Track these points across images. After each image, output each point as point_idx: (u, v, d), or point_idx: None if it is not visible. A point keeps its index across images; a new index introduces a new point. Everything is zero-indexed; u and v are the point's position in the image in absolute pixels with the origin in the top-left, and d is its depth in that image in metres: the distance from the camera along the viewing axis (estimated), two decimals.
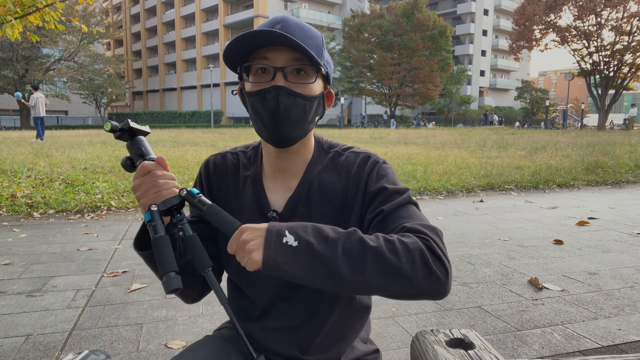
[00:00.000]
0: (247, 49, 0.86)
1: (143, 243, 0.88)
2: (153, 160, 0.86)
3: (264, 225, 0.75)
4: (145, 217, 0.80)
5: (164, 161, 0.85)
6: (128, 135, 0.88)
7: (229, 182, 1.00)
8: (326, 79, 0.92)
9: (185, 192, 0.83)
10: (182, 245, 0.85)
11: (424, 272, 0.72)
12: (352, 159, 0.95)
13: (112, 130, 0.85)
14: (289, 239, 0.72)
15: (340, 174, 0.94)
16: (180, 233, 0.81)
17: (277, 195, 0.96)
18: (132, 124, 0.87)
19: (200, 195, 0.82)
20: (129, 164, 0.88)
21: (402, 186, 0.91)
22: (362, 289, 0.73)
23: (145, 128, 0.90)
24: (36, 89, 14.52)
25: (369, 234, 0.86)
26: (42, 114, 14.04)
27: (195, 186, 1.03)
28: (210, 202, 0.81)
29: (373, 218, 0.87)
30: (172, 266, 0.76)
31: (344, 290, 0.74)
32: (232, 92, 0.97)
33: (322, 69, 0.86)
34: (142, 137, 0.89)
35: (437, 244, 0.76)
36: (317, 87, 0.88)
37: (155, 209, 0.80)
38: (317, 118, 0.92)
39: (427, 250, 0.74)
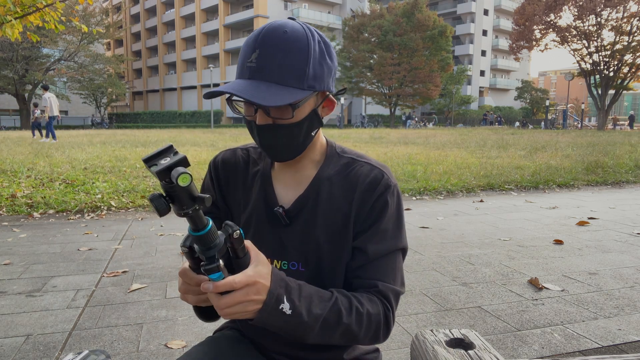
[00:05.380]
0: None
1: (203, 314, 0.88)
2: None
3: (268, 282, 0.74)
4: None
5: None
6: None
7: (238, 177, 1.00)
8: (322, 89, 0.88)
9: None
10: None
11: (372, 338, 0.87)
12: (366, 172, 0.93)
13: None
14: (285, 307, 0.76)
15: (351, 183, 0.92)
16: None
17: (286, 192, 0.95)
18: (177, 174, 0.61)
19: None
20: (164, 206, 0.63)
21: (399, 223, 0.92)
22: (321, 344, 0.85)
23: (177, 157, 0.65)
24: (46, 89, 14.63)
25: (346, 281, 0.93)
26: (56, 112, 14.32)
27: (204, 182, 1.04)
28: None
29: (358, 252, 0.90)
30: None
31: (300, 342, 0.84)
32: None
33: (300, 103, 0.83)
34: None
35: (393, 314, 0.89)
36: (303, 111, 0.86)
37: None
38: (313, 132, 0.91)
39: (384, 321, 0.87)
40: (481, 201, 5.66)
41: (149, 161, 0.64)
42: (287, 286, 0.77)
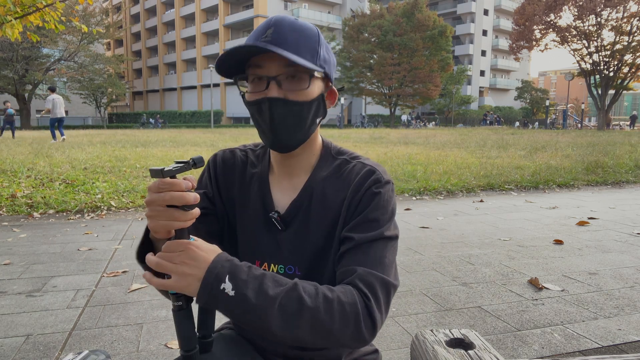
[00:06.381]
0: (241, 59, 0.86)
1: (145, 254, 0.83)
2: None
3: (209, 258, 0.73)
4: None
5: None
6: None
7: (235, 178, 1.00)
8: (327, 77, 0.91)
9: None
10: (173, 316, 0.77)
11: (352, 333, 0.75)
12: (358, 170, 0.92)
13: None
14: (227, 287, 0.71)
15: (343, 183, 0.92)
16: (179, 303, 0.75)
17: (282, 196, 0.96)
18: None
19: None
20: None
21: (386, 215, 0.88)
22: (291, 342, 0.75)
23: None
24: (53, 90, 14.74)
25: (336, 259, 0.87)
26: (59, 115, 14.46)
27: (201, 179, 1.03)
28: None
29: (343, 241, 0.87)
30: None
31: (274, 340, 0.75)
32: (241, 94, 0.94)
33: (317, 73, 0.86)
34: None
35: (379, 305, 0.78)
36: (314, 90, 0.87)
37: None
38: (318, 120, 0.91)
39: (364, 312, 0.76)
40: (481, 201, 5.66)
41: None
42: (232, 267, 0.73)
